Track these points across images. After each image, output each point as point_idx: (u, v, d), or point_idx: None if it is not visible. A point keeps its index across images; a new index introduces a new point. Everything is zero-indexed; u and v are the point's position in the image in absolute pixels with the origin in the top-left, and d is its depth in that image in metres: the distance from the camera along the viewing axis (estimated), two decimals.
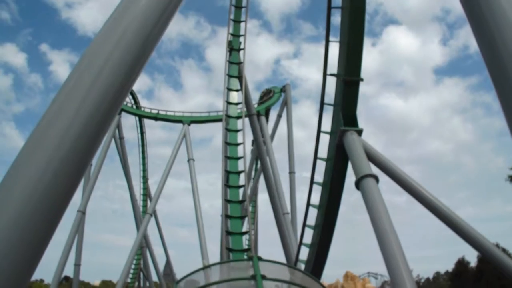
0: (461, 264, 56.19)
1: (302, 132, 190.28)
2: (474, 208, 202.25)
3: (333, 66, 20.36)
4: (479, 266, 50.08)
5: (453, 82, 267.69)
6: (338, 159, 19.77)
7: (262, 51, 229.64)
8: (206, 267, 9.88)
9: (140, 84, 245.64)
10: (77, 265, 61.09)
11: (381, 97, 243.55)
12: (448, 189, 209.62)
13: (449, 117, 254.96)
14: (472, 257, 56.56)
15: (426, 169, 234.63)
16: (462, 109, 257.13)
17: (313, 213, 22.68)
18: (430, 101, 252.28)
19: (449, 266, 64.01)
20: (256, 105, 51.91)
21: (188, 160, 53.06)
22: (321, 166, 21.87)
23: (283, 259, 28.84)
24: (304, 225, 23.20)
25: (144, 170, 74.21)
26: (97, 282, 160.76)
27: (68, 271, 72.84)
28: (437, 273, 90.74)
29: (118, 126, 62.63)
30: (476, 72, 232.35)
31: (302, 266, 23.41)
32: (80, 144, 5.44)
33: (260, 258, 8.43)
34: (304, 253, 23.92)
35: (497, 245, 21.52)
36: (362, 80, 19.15)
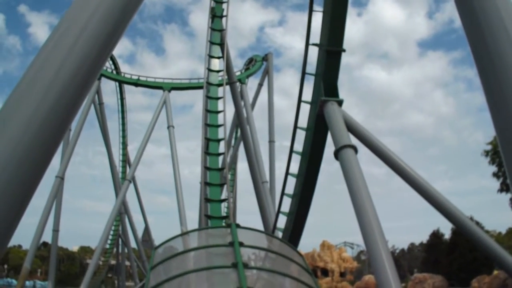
0: (436, 236, 57.27)
1: (285, 101, 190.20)
2: (451, 182, 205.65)
3: (316, 36, 20.27)
4: (453, 238, 51.09)
5: (437, 56, 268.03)
6: (318, 129, 19.84)
7: (247, 18, 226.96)
8: (184, 234, 9.96)
9: (122, 48, 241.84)
10: (56, 230, 60.97)
11: (364, 68, 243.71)
12: (427, 162, 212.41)
13: (431, 91, 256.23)
14: (446, 229, 57.70)
15: (406, 142, 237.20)
16: (444, 83, 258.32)
17: (291, 182, 22.85)
18: (413, 74, 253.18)
19: (424, 238, 65.24)
20: (238, 73, 51.69)
21: (168, 127, 52.88)
22: (301, 135, 21.97)
23: (261, 227, 29.10)
24: (283, 193, 23.38)
25: (124, 136, 73.68)
26: (75, 248, 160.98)
27: (47, 237, 72.68)
28: (412, 244, 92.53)
29: (98, 92, 61.89)
30: (460, 46, 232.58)
31: (279, 234, 23.68)
32: (58, 108, 5.38)
33: (238, 226, 8.51)
34: (282, 222, 24.17)
35: (471, 218, 21.99)
36: (344, 51, 19.11)
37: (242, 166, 61.55)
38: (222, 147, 26.46)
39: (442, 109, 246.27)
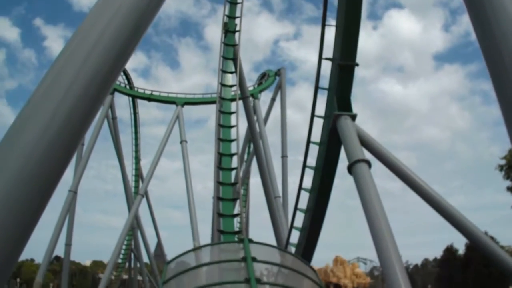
0: (449, 251, 56.60)
1: (299, 115, 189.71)
2: (466, 197, 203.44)
3: (330, 50, 20.25)
4: (467, 253, 50.45)
5: (453, 69, 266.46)
6: (331, 143, 19.75)
7: (261, 31, 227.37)
8: (196, 249, 9.89)
9: (136, 62, 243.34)
10: (68, 245, 61.16)
11: (380, 82, 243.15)
12: (442, 177, 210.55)
13: (447, 104, 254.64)
14: (460, 244, 56.97)
15: (422, 156, 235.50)
16: (460, 97, 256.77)
17: (305, 197, 22.72)
18: (429, 87, 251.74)
19: (438, 253, 64.45)
20: (251, 88, 51.78)
21: (181, 142, 52.95)
22: (314, 150, 21.88)
23: (274, 242, 28.94)
24: (296, 208, 23.24)
25: (137, 151, 73.96)
26: (88, 262, 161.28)
27: (59, 251, 72.90)
28: (426, 260, 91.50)
29: (111, 106, 62.24)
30: (476, 59, 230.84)
31: (292, 250, 23.51)
32: (70, 122, 5.36)
33: (251, 240, 8.44)
34: (295, 237, 24.02)
35: (486, 233, 21.72)
36: (357, 65, 19.06)
37: (255, 181, 61.53)
38: (235, 162, 26.43)
39: (458, 123, 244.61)
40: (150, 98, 60.10)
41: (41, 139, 5.14)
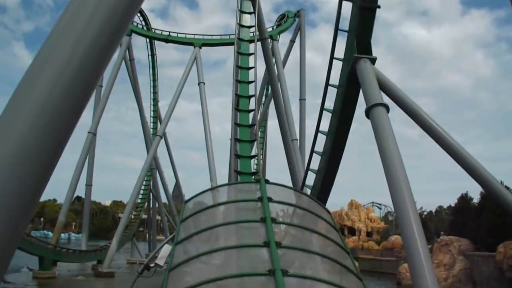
0: (464, 199, 56.55)
1: (318, 58, 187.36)
2: (485, 146, 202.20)
3: None
4: (482, 202, 50.38)
5: (480, 14, 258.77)
6: (350, 86, 19.58)
7: None
8: (213, 188, 10.03)
9: (153, 2, 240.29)
10: (89, 185, 62.64)
11: (402, 26, 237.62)
12: (462, 125, 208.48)
13: (472, 51, 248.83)
14: (475, 193, 56.91)
15: (442, 103, 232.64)
16: (486, 43, 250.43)
17: (321, 140, 22.76)
18: (453, 32, 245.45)
19: (453, 201, 64.50)
20: (270, 29, 51.06)
21: (199, 84, 52.95)
22: (333, 93, 21.73)
23: (290, 185, 29.26)
24: (312, 151, 23.33)
25: (155, 92, 74.13)
26: (108, 202, 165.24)
27: (80, 192, 74.69)
28: (440, 207, 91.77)
29: (129, 48, 62.06)
30: (505, 5, 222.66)
31: (308, 191, 23.76)
32: (87, 64, 5.35)
33: (267, 181, 8.52)
34: (310, 179, 24.22)
35: (502, 183, 21.58)
36: (378, 7, 18.59)
37: (273, 123, 61.65)
38: (252, 104, 26.41)
39: (482, 71, 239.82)
40: (167, 40, 59.73)
41: (59, 80, 5.16)
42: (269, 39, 38.98)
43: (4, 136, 4.88)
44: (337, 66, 21.37)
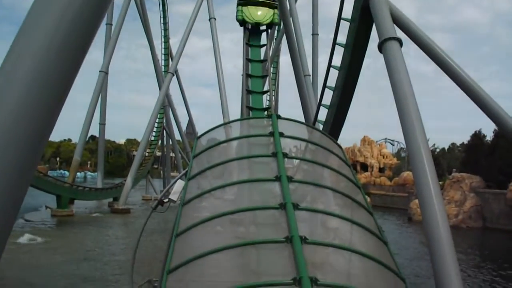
0: (477, 137, 56.31)
1: None
2: (501, 83, 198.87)
3: None
4: (495, 140, 50.27)
5: None
6: (363, 20, 19.12)
7: None
8: (226, 124, 10.03)
9: None
10: (102, 124, 63.16)
11: None
12: (478, 62, 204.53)
13: None
14: (489, 131, 56.56)
15: (458, 39, 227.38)
16: None
17: (334, 75, 22.51)
18: None
19: (466, 138, 64.19)
20: None
21: (210, 19, 52.17)
22: (345, 27, 21.29)
23: (302, 120, 29.24)
24: (325, 86, 23.15)
25: (166, 29, 73.29)
26: (122, 141, 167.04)
27: (95, 131, 75.39)
28: (453, 144, 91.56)
29: None
30: None
31: (320, 127, 23.74)
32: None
33: (279, 116, 8.49)
34: (322, 115, 24.15)
35: None
36: None
37: (285, 59, 60.97)
38: (264, 39, 25.97)
39: (501, 6, 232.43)
40: None
41: (64, 16, 5.09)
42: None
43: (9, 80, 4.88)
44: None
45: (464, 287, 13.42)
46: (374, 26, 18.17)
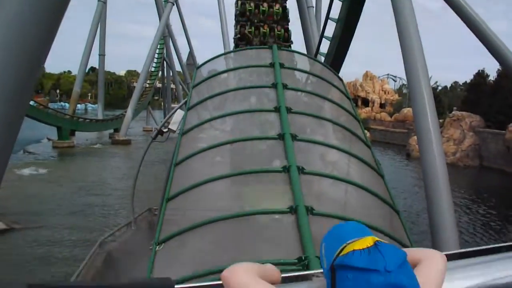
0: (480, 76, 55.58)
1: None
2: (509, 23, 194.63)
3: None
4: (498, 80, 49.72)
5: None
6: None
7: None
8: (225, 54, 9.92)
9: None
10: (102, 55, 62.41)
11: None
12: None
13: None
14: (492, 71, 55.80)
15: None
16: None
17: (337, 7, 22.11)
18: None
19: (469, 77, 63.47)
20: None
21: None
22: None
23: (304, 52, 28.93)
24: (327, 17, 22.81)
25: None
26: (122, 72, 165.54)
27: (94, 62, 74.63)
28: (455, 83, 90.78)
29: None
30: None
31: (322, 59, 23.53)
32: None
33: (280, 47, 8.38)
34: (325, 47, 23.90)
35: None
36: None
37: None
38: None
39: None
40: None
41: None
42: None
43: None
44: None
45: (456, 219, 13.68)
46: None
